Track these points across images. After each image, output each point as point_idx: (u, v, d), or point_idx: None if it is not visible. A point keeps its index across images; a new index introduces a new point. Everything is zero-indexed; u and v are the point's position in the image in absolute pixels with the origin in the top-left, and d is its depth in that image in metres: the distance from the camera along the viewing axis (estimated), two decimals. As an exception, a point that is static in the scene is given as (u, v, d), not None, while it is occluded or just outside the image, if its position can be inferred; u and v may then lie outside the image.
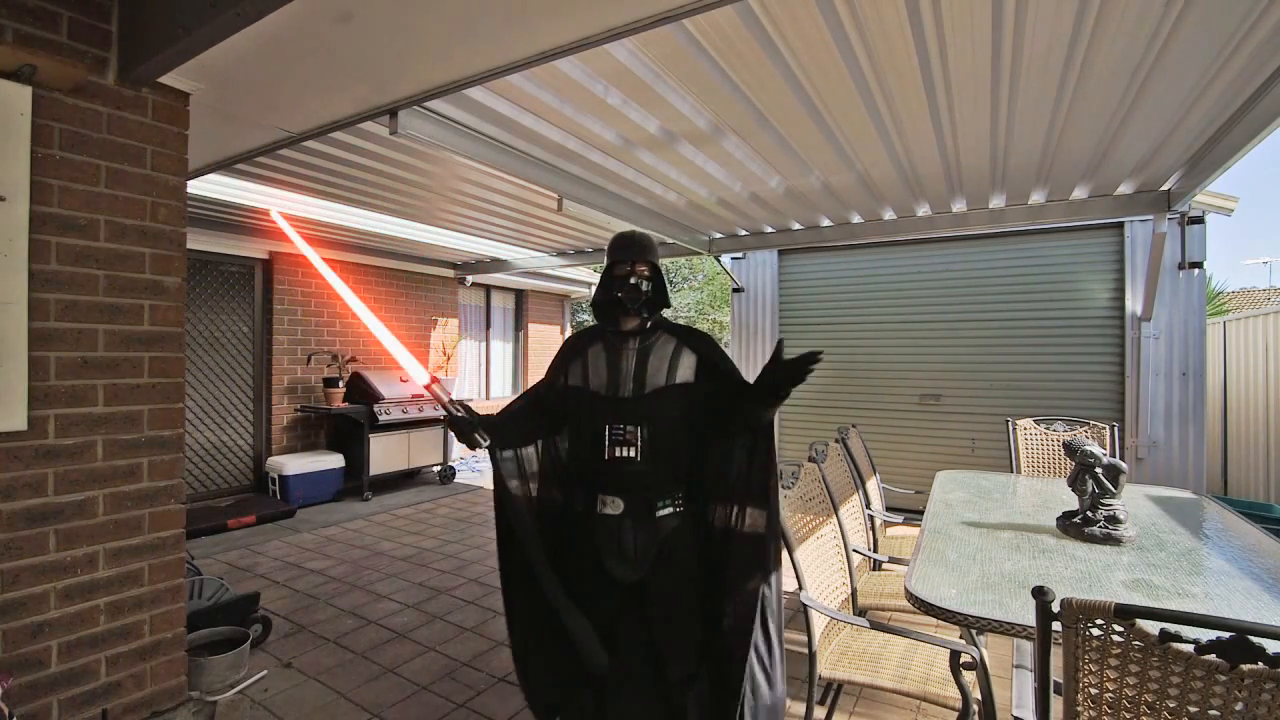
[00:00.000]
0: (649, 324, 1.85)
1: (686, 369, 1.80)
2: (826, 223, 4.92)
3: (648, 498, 1.74)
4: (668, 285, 1.88)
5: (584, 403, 1.82)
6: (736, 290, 6.48)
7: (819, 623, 1.94)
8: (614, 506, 1.74)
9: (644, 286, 1.81)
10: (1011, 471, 3.64)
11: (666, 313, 1.90)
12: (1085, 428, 3.61)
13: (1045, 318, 5.06)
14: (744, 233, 5.35)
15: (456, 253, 6.75)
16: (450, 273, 7.70)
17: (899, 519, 3.22)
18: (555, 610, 1.73)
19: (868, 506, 3.03)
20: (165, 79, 2.03)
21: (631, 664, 1.75)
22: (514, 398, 2.01)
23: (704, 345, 1.84)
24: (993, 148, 3.18)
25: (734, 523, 1.77)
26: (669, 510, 1.75)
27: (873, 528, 3.02)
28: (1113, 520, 2.11)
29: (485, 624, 3.25)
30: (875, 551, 2.90)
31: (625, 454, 1.72)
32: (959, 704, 1.72)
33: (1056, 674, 1.17)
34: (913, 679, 1.85)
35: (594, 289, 2.04)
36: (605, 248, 6.63)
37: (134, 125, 1.99)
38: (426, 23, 1.80)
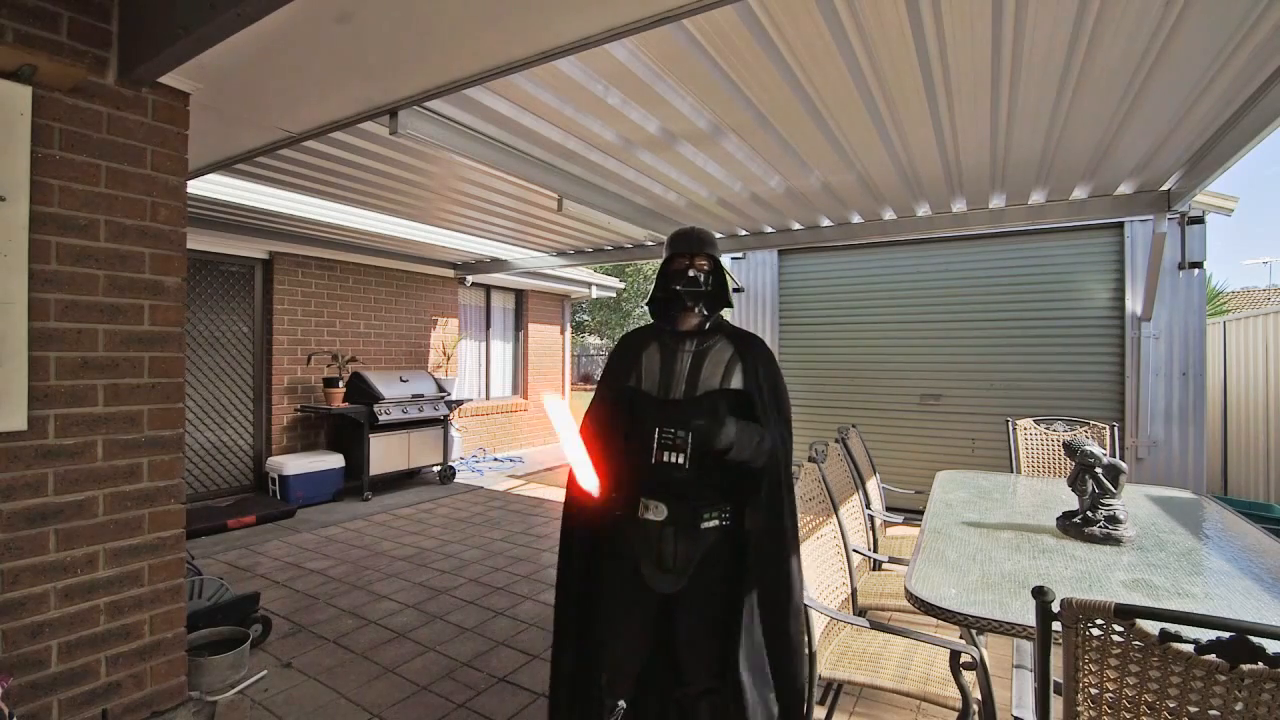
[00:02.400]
0: (707, 324, 1.78)
1: (740, 378, 1.73)
2: (826, 223, 4.92)
3: (693, 507, 1.67)
4: (729, 282, 1.81)
5: (635, 403, 1.76)
6: (736, 290, 6.48)
7: (819, 623, 1.94)
8: (657, 512, 1.67)
9: (704, 280, 1.74)
10: (1011, 471, 3.64)
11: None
12: (1085, 428, 3.61)
13: (1045, 318, 5.05)
14: (744, 233, 5.35)
15: (456, 253, 6.75)
16: (450, 273, 7.69)
17: (899, 519, 3.22)
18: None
19: (868, 506, 3.03)
20: (165, 79, 2.03)
21: (652, 671, 1.72)
22: (584, 425, 1.81)
23: (759, 361, 1.76)
24: (993, 148, 3.18)
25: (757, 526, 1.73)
26: (714, 523, 1.68)
27: (873, 528, 3.02)
28: (1113, 520, 2.11)
29: (485, 624, 3.25)
30: (875, 551, 2.90)
31: (673, 459, 1.65)
32: (959, 704, 1.72)
33: (1056, 674, 1.16)
34: (913, 679, 1.85)
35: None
36: (605, 248, 6.63)
37: (134, 125, 1.99)
38: (426, 23, 1.80)
